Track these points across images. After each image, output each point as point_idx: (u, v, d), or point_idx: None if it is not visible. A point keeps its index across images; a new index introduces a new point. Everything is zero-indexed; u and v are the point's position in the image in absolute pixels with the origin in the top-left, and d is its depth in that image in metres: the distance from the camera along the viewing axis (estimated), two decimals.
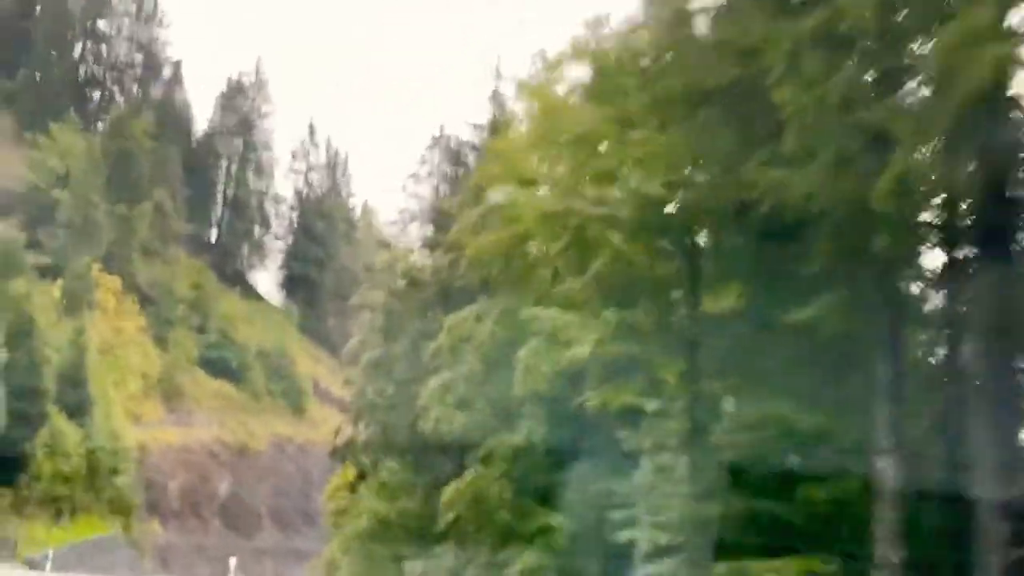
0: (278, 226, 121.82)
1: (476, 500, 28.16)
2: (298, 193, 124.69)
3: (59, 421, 55.90)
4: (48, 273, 78.21)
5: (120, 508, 67.93)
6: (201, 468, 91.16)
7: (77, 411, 59.99)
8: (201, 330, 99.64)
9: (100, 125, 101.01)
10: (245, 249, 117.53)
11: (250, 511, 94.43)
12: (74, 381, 60.92)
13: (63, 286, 74.68)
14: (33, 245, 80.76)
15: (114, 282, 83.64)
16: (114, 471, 65.42)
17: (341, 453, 58.96)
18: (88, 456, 59.04)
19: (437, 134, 55.22)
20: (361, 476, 56.19)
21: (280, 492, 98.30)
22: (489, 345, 29.42)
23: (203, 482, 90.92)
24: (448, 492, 28.27)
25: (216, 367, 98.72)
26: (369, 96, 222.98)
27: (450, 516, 28.96)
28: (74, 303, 70.45)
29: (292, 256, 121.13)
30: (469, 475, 28.63)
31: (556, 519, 27.24)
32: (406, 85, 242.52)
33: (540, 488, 28.38)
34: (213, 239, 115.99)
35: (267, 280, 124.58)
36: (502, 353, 28.43)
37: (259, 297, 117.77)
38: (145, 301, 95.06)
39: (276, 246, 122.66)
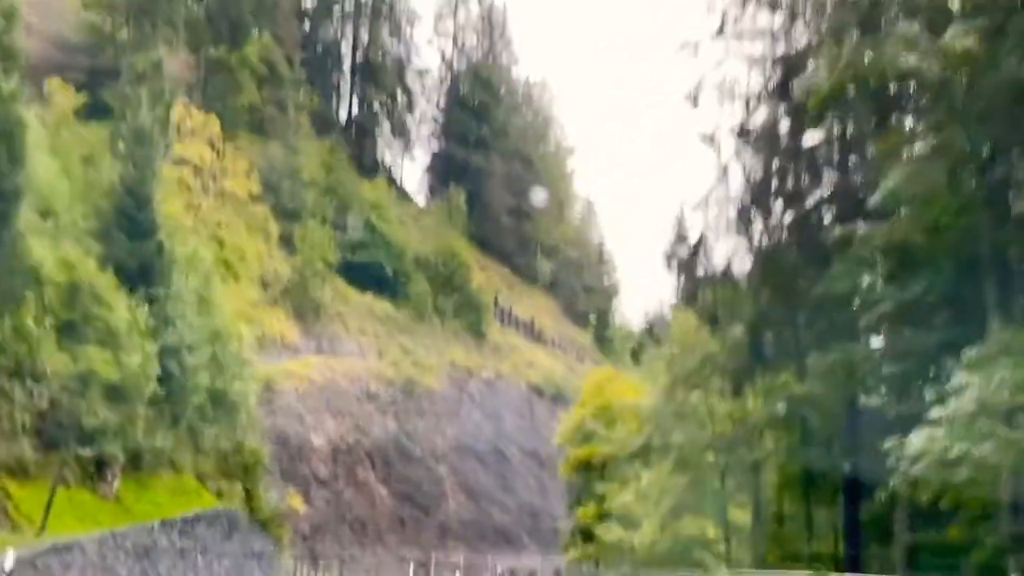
0: (425, 102, 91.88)
1: None
2: (446, 61, 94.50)
3: (88, 271, 26.50)
4: None
5: (235, 468, 38.79)
6: (356, 414, 62.07)
7: (140, 277, 30.73)
8: (339, 226, 70.39)
9: None
10: (384, 130, 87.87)
11: (426, 475, 65.03)
12: (132, 223, 31.70)
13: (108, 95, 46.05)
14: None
15: (211, 123, 54.38)
16: (221, 400, 36.12)
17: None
18: (163, 361, 29.67)
19: None
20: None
21: (465, 447, 68.64)
22: None
23: (360, 434, 61.79)
24: None
25: (364, 276, 69.53)
26: None
27: None
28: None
29: (447, 137, 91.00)
30: None
31: None
32: None
33: None
34: (342, 118, 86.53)
35: (415, 173, 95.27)
36: None
37: (406, 194, 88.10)
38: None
39: (424, 131, 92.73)
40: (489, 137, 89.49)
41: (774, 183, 23.08)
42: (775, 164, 23.40)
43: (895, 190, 17.69)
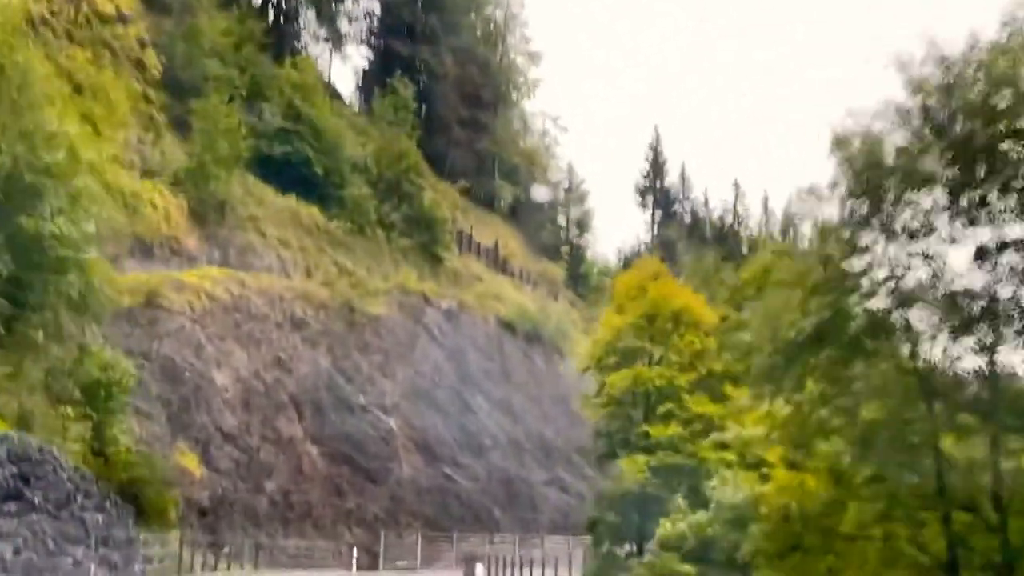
0: None
1: None
2: None
3: None
4: None
5: (65, 384, 22.29)
6: (276, 345, 45.65)
7: None
8: (252, 112, 53.58)
9: None
10: (309, 18, 70.98)
11: (371, 429, 48.82)
12: None
13: None
14: None
15: None
16: (30, 251, 19.65)
17: None
18: None
19: None
20: None
21: (421, 393, 52.55)
22: None
23: (282, 372, 45.42)
24: None
25: (286, 174, 53.16)
26: None
27: None
28: None
29: (386, 31, 74.41)
30: None
31: None
32: None
33: None
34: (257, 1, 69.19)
35: (347, 76, 78.74)
36: None
37: (338, 95, 71.25)
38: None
39: (358, 28, 75.94)
40: (439, 30, 73.16)
41: None
42: None
43: None
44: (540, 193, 79.69)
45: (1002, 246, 17.06)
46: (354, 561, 44.51)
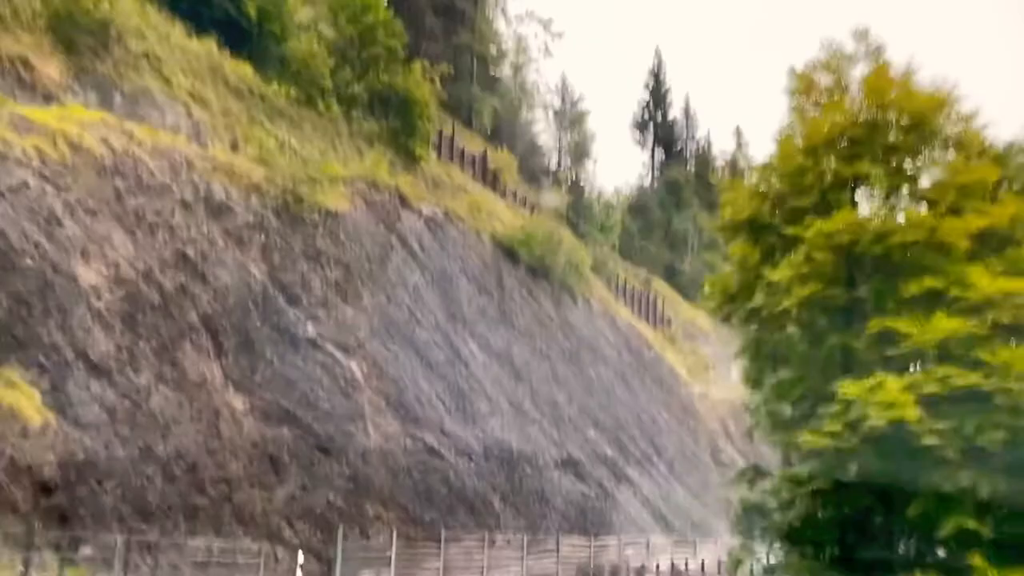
0: None
1: None
2: None
3: None
4: None
5: None
6: (182, 235, 29.28)
7: None
8: None
9: None
10: None
11: (326, 375, 32.70)
12: None
13: None
14: None
15: None
16: None
17: None
18: None
19: None
20: None
21: (395, 328, 36.56)
22: None
23: (190, 277, 29.05)
24: None
25: (205, 13, 37.14)
26: None
27: None
28: None
29: None
30: None
31: None
32: None
33: None
34: None
35: None
36: None
37: None
38: None
39: None
40: None
41: None
42: None
43: None
44: (527, 108, 64.21)
45: None
46: (298, 570, 28.77)
